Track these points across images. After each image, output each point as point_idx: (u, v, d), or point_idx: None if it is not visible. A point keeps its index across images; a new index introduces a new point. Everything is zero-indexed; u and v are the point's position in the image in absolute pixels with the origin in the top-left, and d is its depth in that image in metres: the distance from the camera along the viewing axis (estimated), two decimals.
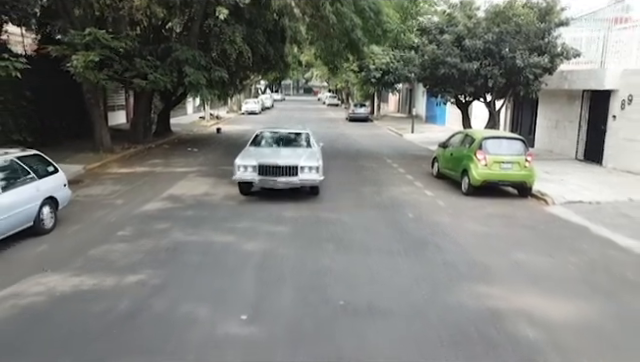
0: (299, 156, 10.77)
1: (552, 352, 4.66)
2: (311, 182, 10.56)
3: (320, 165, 10.58)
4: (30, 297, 5.67)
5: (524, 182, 11.59)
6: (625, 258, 7.54)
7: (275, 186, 10.40)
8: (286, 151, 11.43)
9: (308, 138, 12.34)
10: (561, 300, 5.90)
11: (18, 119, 16.10)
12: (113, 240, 7.86)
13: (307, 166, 10.36)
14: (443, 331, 5.04)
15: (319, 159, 10.83)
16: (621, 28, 17.15)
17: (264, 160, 10.41)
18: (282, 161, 10.36)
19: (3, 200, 7.08)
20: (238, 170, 10.41)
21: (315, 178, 10.48)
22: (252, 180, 10.44)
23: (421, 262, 7.15)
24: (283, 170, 10.24)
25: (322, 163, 10.78)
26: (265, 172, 10.26)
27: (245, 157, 10.71)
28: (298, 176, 10.29)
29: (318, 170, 10.48)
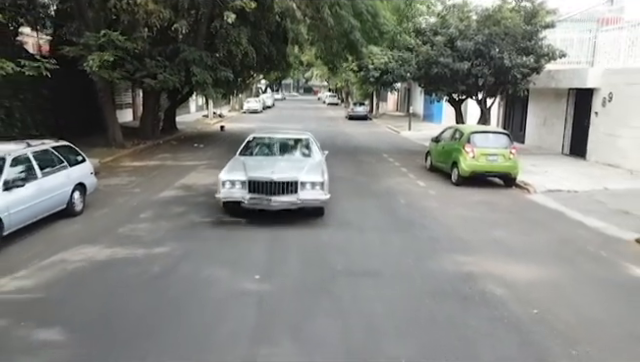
0: (299, 168, 8.80)
1: (513, 303, 5.65)
2: (314, 202, 8.50)
3: (326, 180, 8.56)
4: (75, 263, 6.66)
5: (509, 173, 12.57)
6: (590, 236, 8.53)
7: (269, 207, 8.27)
8: (283, 162, 9.43)
9: (310, 145, 10.49)
10: (527, 266, 6.89)
11: (35, 116, 17.05)
12: (137, 221, 8.86)
13: (309, 182, 8.41)
14: (424, 288, 6.04)
15: (324, 172, 8.84)
16: (610, 29, 18.15)
17: (255, 174, 8.42)
18: (278, 175, 8.35)
19: (43, 184, 8.07)
20: (223, 186, 8.41)
21: (319, 197, 8.45)
22: (240, 199, 8.30)
23: (409, 238, 8.15)
24: (279, 187, 8.25)
25: (328, 178, 8.72)
26: (256, 189, 8.27)
27: (232, 170, 8.81)
28: (298, 194, 8.28)
29: (323, 187, 8.46)
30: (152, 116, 21.80)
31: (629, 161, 14.38)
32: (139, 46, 16.31)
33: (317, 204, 8.64)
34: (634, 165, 14.13)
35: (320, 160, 9.85)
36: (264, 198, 8.26)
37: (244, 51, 18.49)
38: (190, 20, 20.64)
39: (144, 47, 16.95)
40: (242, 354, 4.48)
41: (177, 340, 4.72)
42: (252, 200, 8.29)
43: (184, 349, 4.55)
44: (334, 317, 5.24)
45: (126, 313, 5.25)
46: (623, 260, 7.24)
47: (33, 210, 7.77)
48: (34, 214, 7.83)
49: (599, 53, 17.47)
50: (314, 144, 10.62)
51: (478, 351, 4.62)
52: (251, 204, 8.32)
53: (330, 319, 5.19)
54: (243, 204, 8.34)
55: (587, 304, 5.74)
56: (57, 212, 8.56)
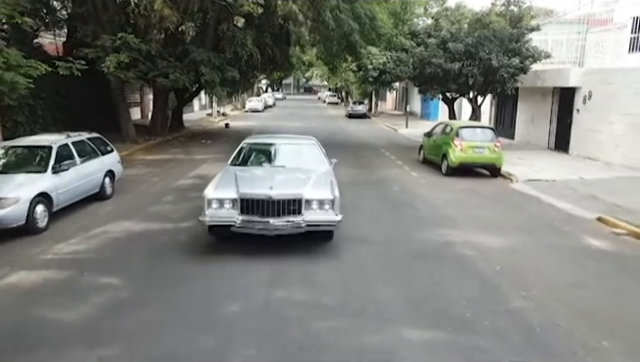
0: (303, 182, 7.23)
1: (481, 262, 6.88)
2: (322, 225, 6.91)
3: (337, 198, 6.90)
4: (116, 233, 7.91)
5: (494, 164, 13.80)
6: (558, 215, 9.75)
7: (266, 232, 6.71)
8: (283, 174, 7.73)
9: (315, 152, 8.85)
10: (498, 237, 8.12)
11: (55, 113, 18.24)
12: (161, 203, 10.09)
13: (316, 199, 6.80)
14: (409, 251, 7.27)
15: (334, 187, 7.20)
16: (598, 31, 19.38)
17: (249, 190, 6.80)
18: (277, 191, 6.71)
19: (81, 170, 9.30)
20: (209, 207, 6.73)
21: (329, 219, 6.82)
22: (230, 222, 6.66)
23: (400, 215, 9.38)
24: (278, 206, 6.64)
25: (339, 194, 7.07)
26: (250, 209, 6.65)
27: (221, 185, 7.13)
28: (302, 216, 6.71)
29: (334, 205, 6.82)
30: (161, 114, 23.04)
31: (606, 154, 15.61)
32: (152, 48, 17.50)
33: (326, 228, 6.96)
34: (610, 158, 15.36)
35: (328, 171, 8.13)
36: (259, 221, 6.60)
37: (249, 52, 19.70)
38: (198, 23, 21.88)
39: (156, 48, 18.16)
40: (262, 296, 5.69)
41: (202, 285, 5.95)
42: (245, 223, 6.59)
43: (207, 288, 5.77)
44: (336, 270, 6.47)
45: (163, 266, 6.50)
46: (581, 233, 8.47)
47: (74, 192, 9.01)
48: (75, 195, 9.07)
49: (588, 54, 18.68)
50: (320, 151, 8.95)
51: (448, 293, 5.84)
52: (244, 228, 6.64)
53: (332, 273, 6.42)
54: (234, 228, 6.64)
55: (542, 263, 6.97)
56: (91, 195, 9.79)
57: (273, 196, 6.67)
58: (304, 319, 5.07)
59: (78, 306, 5.30)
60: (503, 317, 5.21)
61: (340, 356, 4.41)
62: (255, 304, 5.42)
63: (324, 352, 4.46)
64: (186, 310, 5.28)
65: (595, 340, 4.75)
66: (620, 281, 6.38)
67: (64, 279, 6.04)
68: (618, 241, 8.11)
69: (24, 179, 7.95)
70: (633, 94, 14.37)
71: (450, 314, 5.27)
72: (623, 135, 14.90)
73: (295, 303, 5.47)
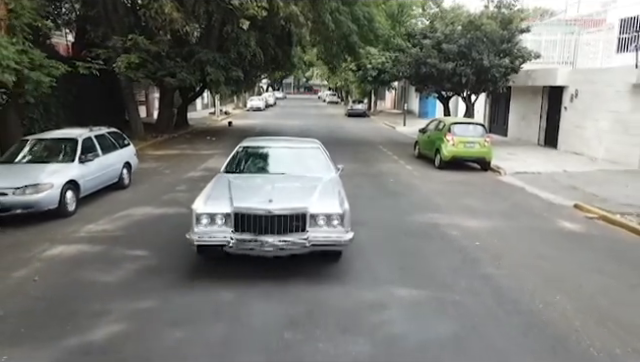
0: (307, 193, 6.34)
1: (463, 239, 7.79)
2: (331, 245, 5.99)
3: (347, 211, 6.02)
4: (138, 216, 8.82)
5: (484, 157, 14.70)
6: (539, 203, 10.66)
7: (264, 253, 5.81)
8: (284, 183, 6.84)
9: (320, 158, 7.94)
10: (481, 220, 9.02)
11: (67, 111, 19.13)
12: (175, 191, 10.99)
13: (322, 214, 5.91)
14: (400, 231, 8.18)
15: (343, 198, 6.34)
16: (590, 32, 20.27)
17: (245, 203, 5.91)
18: (278, 205, 5.83)
19: (103, 161, 10.20)
20: (198, 223, 5.88)
21: (339, 237, 5.92)
22: (222, 242, 5.79)
23: (393, 202, 10.30)
24: (279, 222, 5.76)
25: (348, 207, 6.14)
26: (246, 226, 5.77)
27: (212, 197, 6.24)
28: (306, 233, 5.83)
29: (343, 221, 5.94)
30: (168, 112, 23.94)
31: (591, 149, 16.52)
32: (161, 49, 18.39)
33: (335, 248, 6.10)
34: (595, 152, 16.27)
35: (334, 179, 7.23)
36: (256, 239, 5.71)
37: (253, 52, 20.62)
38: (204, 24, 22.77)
39: (164, 49, 19.05)
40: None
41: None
42: (240, 243, 5.72)
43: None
44: None
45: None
46: (557, 218, 9.37)
47: (98, 180, 9.92)
48: (98, 183, 9.97)
49: (580, 54, 19.57)
50: (325, 155, 8.03)
51: (433, 263, 6.75)
52: (238, 249, 5.78)
53: None
54: (227, 249, 5.79)
55: (517, 241, 7.87)
56: (111, 184, 10.69)
57: (273, 210, 5.70)
58: (308, 287, 5.95)
59: (116, 271, 6.21)
60: (478, 280, 6.12)
61: (340, 309, 5.29)
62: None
63: (324, 306, 5.35)
64: (209, 270, 6.19)
65: (552, 297, 5.66)
66: (582, 255, 7.29)
67: (99, 251, 6.95)
68: (589, 224, 9.02)
69: (55, 168, 8.86)
70: (615, 92, 15.27)
71: (433, 278, 6.18)
72: (606, 131, 15.80)
73: (296, 271, 6.35)
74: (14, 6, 11.39)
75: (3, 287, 5.71)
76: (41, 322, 4.89)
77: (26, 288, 5.68)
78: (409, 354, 4.42)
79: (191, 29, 18.61)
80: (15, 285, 5.77)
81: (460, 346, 4.55)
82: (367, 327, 4.88)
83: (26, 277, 5.99)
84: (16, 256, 6.66)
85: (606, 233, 8.51)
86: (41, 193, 8.13)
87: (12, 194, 7.93)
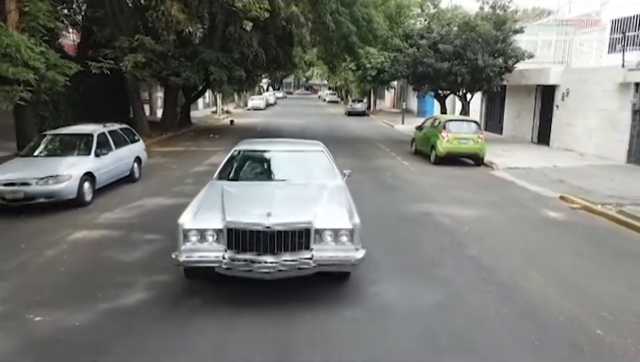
0: (311, 204, 5.63)
1: (452, 225, 8.44)
2: (339, 265, 5.31)
3: (357, 225, 5.27)
4: (150, 206, 9.47)
5: (477, 153, 15.33)
6: (527, 195, 11.30)
7: (261, 275, 5.05)
8: (285, 192, 6.15)
9: (324, 162, 7.19)
10: (471, 209, 9.66)
11: (75, 109, 19.76)
12: (183, 184, 11.63)
13: (329, 229, 5.22)
14: (395, 218, 8.82)
15: (352, 210, 5.58)
16: (584, 32, 20.89)
17: (240, 217, 5.20)
18: (277, 219, 5.09)
19: (116, 155, 10.82)
20: (186, 240, 5.18)
21: (348, 256, 5.21)
22: (214, 263, 5.10)
23: (389, 195, 10.94)
24: (279, 239, 5.05)
25: (359, 220, 5.35)
26: (241, 244, 5.07)
27: (203, 210, 5.53)
28: (311, 251, 5.13)
29: (353, 237, 5.23)
30: (172, 111, 24.59)
31: (581, 145, 17.16)
32: (166, 49, 19.00)
33: (344, 268, 5.44)
34: (584, 149, 16.91)
35: (340, 186, 6.54)
36: (252, 260, 5.00)
37: (255, 52, 21.21)
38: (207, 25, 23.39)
39: (170, 49, 19.67)
40: None
41: None
42: (234, 264, 5.02)
43: None
44: None
45: None
46: (543, 208, 10.01)
47: (111, 173, 10.55)
48: (112, 176, 10.61)
49: (575, 54, 20.21)
50: (330, 160, 7.26)
51: (423, 245, 7.39)
52: (232, 270, 5.07)
53: None
54: (219, 270, 5.10)
55: (503, 227, 8.51)
56: (123, 178, 11.31)
57: (272, 225, 4.95)
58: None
59: (134, 252, 6.84)
60: (463, 259, 6.76)
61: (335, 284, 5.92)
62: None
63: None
64: None
65: (528, 273, 6.30)
66: (562, 239, 7.92)
67: (118, 236, 7.59)
68: (571, 213, 9.66)
69: (73, 161, 9.50)
70: (603, 91, 15.90)
71: (423, 257, 6.83)
72: (595, 128, 16.44)
73: None
74: (29, 8, 12.03)
75: (37, 264, 6.36)
76: (74, 291, 5.52)
77: (57, 265, 6.32)
78: (400, 317, 5.05)
79: (194, 29, 19.26)
80: (47, 263, 6.41)
81: (444, 311, 5.18)
82: (363, 297, 5.50)
83: (55, 256, 6.63)
84: (44, 239, 7.30)
85: (586, 221, 9.14)
86: (61, 183, 8.76)
87: (35, 184, 8.56)
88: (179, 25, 17.20)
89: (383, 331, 4.74)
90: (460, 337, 4.66)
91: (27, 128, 12.52)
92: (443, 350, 4.45)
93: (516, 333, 4.73)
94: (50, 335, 4.56)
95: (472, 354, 4.39)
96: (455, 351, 4.43)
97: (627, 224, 8.71)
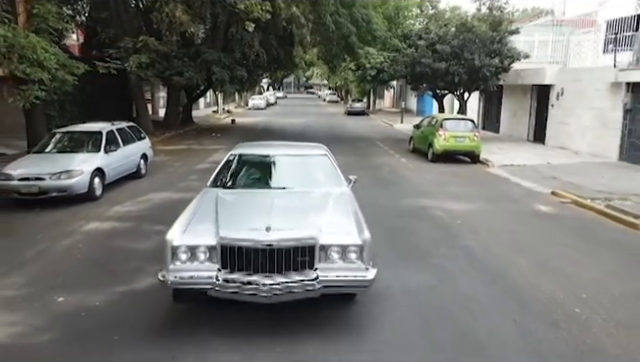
0: (315, 216, 5.12)
1: (447, 218, 8.85)
2: (347, 286, 4.71)
3: (367, 240, 4.69)
4: (158, 199, 9.89)
5: (473, 151, 15.75)
6: (520, 191, 11.71)
7: (260, 299, 4.44)
8: (286, 201, 5.59)
9: (328, 168, 6.64)
10: (465, 204, 10.07)
11: (80, 109, 20.18)
12: (188, 180, 12.05)
13: (336, 245, 4.61)
14: (392, 211, 9.23)
15: (362, 223, 5.04)
16: (580, 33, 21.29)
17: (234, 233, 4.61)
18: (278, 234, 4.53)
19: (123, 152, 11.25)
20: (175, 258, 4.56)
21: (357, 277, 4.59)
22: (206, 285, 4.48)
23: (387, 190, 11.36)
24: (279, 258, 4.47)
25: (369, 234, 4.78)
26: (236, 263, 4.50)
27: (194, 223, 4.99)
28: (315, 271, 4.52)
29: (362, 254, 4.63)
30: (174, 110, 25.01)
31: (575, 143, 17.57)
32: (170, 49, 19.41)
33: (352, 290, 4.91)
34: (578, 147, 17.32)
35: (346, 194, 6.02)
36: (249, 281, 4.43)
37: (256, 53, 21.62)
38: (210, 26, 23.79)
39: (173, 50, 20.09)
40: None
41: None
42: (228, 286, 4.45)
43: None
44: None
45: None
46: (534, 202, 10.42)
47: (120, 169, 10.98)
48: (120, 172, 11.03)
49: (571, 54, 20.61)
50: (333, 164, 6.73)
51: (418, 236, 7.81)
52: (226, 293, 4.50)
53: None
54: (211, 292, 4.52)
55: (495, 220, 8.93)
56: (130, 174, 11.74)
57: (272, 242, 4.41)
58: None
59: (145, 241, 7.26)
60: (456, 249, 7.17)
61: None
62: None
63: None
64: None
65: (516, 260, 6.72)
66: (550, 231, 8.34)
67: (129, 227, 8.02)
68: (561, 207, 10.07)
69: (84, 157, 9.92)
70: (596, 91, 16.31)
71: (417, 247, 7.24)
72: (588, 127, 16.85)
73: None
74: (38, 10, 12.44)
75: (55, 253, 6.78)
76: (90, 276, 5.95)
77: (73, 253, 6.75)
78: (394, 297, 5.47)
79: (196, 30, 19.64)
80: (64, 251, 6.84)
81: (434, 292, 5.60)
82: None
83: (71, 245, 7.06)
84: (59, 230, 7.73)
85: (575, 214, 9.56)
86: (73, 178, 9.18)
87: (49, 179, 8.99)
88: (183, 26, 17.62)
89: (379, 309, 5.15)
90: (447, 313, 5.08)
91: (37, 127, 12.95)
92: (430, 322, 4.88)
93: (500, 311, 5.15)
94: (73, 313, 4.98)
95: (457, 327, 4.81)
96: (442, 324, 4.85)
97: (613, 217, 9.13)
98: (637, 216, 8.77)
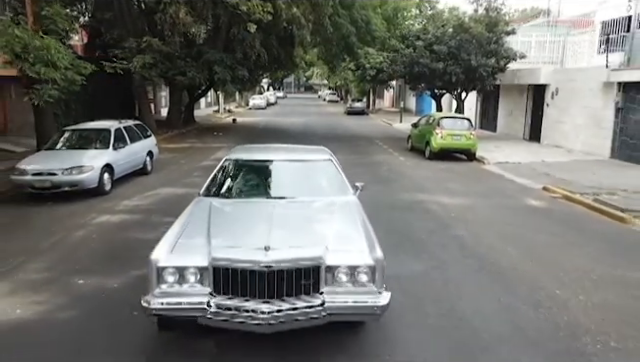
0: (320, 231, 4.63)
1: (441, 211, 9.28)
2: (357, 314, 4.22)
3: (379, 260, 4.17)
4: (165, 194, 10.32)
5: (469, 149, 16.17)
6: (514, 186, 12.14)
7: (257, 328, 3.93)
8: (286, 214, 5.05)
9: (332, 174, 6.13)
10: (459, 199, 10.50)
11: (84, 108, 20.60)
12: (192, 176, 12.46)
13: (345, 266, 4.10)
14: (389, 205, 9.66)
15: (372, 238, 4.57)
16: (577, 33, 21.70)
17: (228, 252, 4.11)
18: (278, 253, 4.01)
19: (131, 149, 11.68)
20: (161, 281, 4.08)
21: (369, 302, 4.08)
22: (196, 312, 3.98)
23: (386, 186, 11.78)
24: (279, 281, 3.97)
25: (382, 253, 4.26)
26: (230, 286, 3.99)
27: (183, 240, 4.49)
28: (321, 295, 4.04)
29: (374, 276, 4.13)
30: (177, 109, 25.44)
31: (569, 142, 18.00)
32: (173, 50, 19.83)
33: (364, 317, 4.37)
34: (572, 145, 17.75)
35: (353, 204, 5.56)
36: (247, 309, 3.90)
37: (257, 53, 22.05)
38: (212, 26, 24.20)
39: (176, 50, 20.51)
40: None
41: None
42: (222, 313, 3.93)
43: None
44: None
45: None
46: (526, 197, 10.85)
47: (127, 165, 11.40)
48: (128, 168, 11.46)
49: (568, 54, 21.04)
50: (338, 170, 6.21)
51: (413, 226, 8.23)
52: (218, 321, 3.97)
53: None
54: (202, 321, 4.00)
55: (487, 213, 9.35)
56: (137, 170, 12.16)
57: (271, 263, 3.91)
58: None
59: (154, 232, 7.61)
60: (448, 238, 7.60)
61: None
62: None
63: None
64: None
65: (505, 249, 7.15)
66: (539, 223, 8.76)
67: (138, 219, 8.44)
68: (552, 201, 10.50)
69: (94, 153, 10.35)
70: (589, 90, 16.74)
71: (412, 236, 7.67)
72: (582, 125, 17.28)
73: None
74: (47, 12, 12.85)
75: (70, 242, 7.21)
76: (106, 262, 6.37)
77: (88, 243, 7.18)
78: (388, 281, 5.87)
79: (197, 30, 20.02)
80: (79, 240, 7.27)
81: (426, 277, 6.03)
82: None
83: (85, 235, 7.49)
84: (73, 222, 8.16)
85: (564, 208, 9.98)
86: (84, 173, 9.61)
87: (61, 174, 9.41)
88: (185, 27, 18.04)
89: None
90: (437, 294, 5.51)
91: (46, 125, 13.35)
92: (421, 301, 5.30)
93: (486, 292, 5.57)
94: (93, 293, 5.41)
95: (446, 304, 5.23)
96: (432, 302, 5.28)
97: (600, 210, 9.56)
98: (622, 209, 9.19)
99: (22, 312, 4.98)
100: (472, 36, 19.35)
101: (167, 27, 18.19)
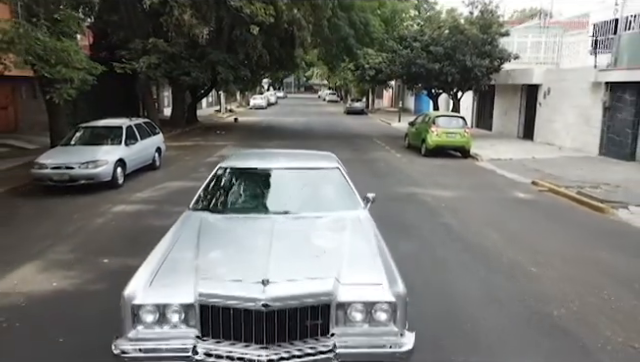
0: (328, 257, 3.83)
1: (432, 202, 9.95)
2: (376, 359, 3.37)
3: (401, 295, 3.40)
4: (173, 187, 10.99)
5: (463, 146, 16.83)
6: (504, 181, 12.80)
7: None
8: (289, 232, 4.36)
9: (339, 184, 5.35)
10: (451, 191, 11.16)
11: (91, 107, 21.24)
12: (199, 172, 13.09)
13: (359, 302, 3.35)
14: (384, 197, 10.23)
15: (391, 266, 3.85)
16: (572, 34, 22.34)
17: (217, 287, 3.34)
18: (278, 289, 3.25)
19: (141, 144, 12.35)
20: (137, 322, 3.32)
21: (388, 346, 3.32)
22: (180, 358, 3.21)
23: (382, 180, 12.44)
24: (280, 322, 3.21)
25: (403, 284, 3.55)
26: (221, 329, 3.27)
27: (165, 269, 3.74)
28: (331, 338, 3.30)
29: (395, 314, 3.36)
30: (180, 109, 26.12)
31: (560, 140, 18.67)
32: (177, 51, 20.49)
33: None
34: (563, 142, 18.41)
35: (365, 220, 4.85)
36: (242, 358, 3.21)
37: (259, 53, 22.73)
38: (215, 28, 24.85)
39: (180, 51, 21.18)
40: None
41: None
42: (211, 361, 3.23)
43: None
44: None
45: None
46: (515, 190, 11.51)
47: (138, 161, 12.07)
48: (138, 163, 12.13)
49: (564, 54, 21.68)
50: (346, 180, 5.44)
51: (406, 215, 8.89)
52: None
53: None
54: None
55: (476, 204, 10.02)
56: (146, 166, 12.82)
57: (270, 302, 3.19)
58: None
59: (168, 219, 8.18)
60: (437, 225, 8.28)
61: None
62: None
63: None
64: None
65: (488, 233, 7.83)
66: (523, 213, 9.43)
67: (152, 208, 9.11)
68: (538, 194, 11.17)
69: (107, 149, 11.02)
70: (579, 90, 17.40)
71: (405, 223, 8.34)
72: (572, 124, 17.95)
73: None
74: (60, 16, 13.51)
75: (92, 228, 7.89)
76: (126, 245, 7.03)
77: (108, 228, 7.85)
78: None
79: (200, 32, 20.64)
80: (99, 227, 7.94)
81: (414, 258, 6.68)
82: None
83: (105, 223, 8.17)
84: (92, 211, 8.83)
85: (549, 200, 10.65)
86: (100, 168, 10.28)
87: (78, 168, 10.08)
88: (192, 29, 18.70)
89: None
90: (424, 271, 6.16)
91: (60, 123, 14.03)
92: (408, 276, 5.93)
93: (469, 271, 6.24)
94: (119, 270, 6.06)
95: (430, 278, 5.90)
96: (418, 277, 5.92)
97: (582, 202, 10.22)
98: (602, 200, 9.86)
99: (58, 284, 5.65)
100: (467, 38, 20.01)
101: (172, 29, 18.84)
